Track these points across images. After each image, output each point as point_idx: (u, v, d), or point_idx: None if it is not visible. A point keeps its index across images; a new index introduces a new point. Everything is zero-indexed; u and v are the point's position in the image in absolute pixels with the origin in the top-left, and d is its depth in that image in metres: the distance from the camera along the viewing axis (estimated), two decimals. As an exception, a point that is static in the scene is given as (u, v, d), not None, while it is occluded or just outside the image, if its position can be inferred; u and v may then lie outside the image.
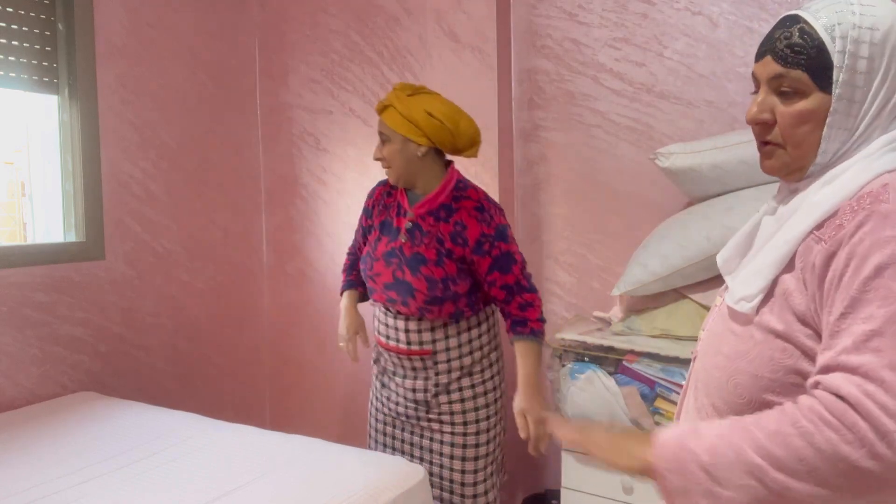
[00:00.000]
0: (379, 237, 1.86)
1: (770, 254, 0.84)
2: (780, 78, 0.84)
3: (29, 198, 2.51)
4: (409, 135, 1.75)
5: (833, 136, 0.83)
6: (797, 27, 0.83)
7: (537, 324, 1.76)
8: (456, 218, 1.76)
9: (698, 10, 2.15)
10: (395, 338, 1.86)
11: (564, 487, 1.96)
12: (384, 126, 1.79)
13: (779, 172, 0.89)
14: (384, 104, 1.79)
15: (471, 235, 1.75)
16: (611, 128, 2.32)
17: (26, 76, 2.27)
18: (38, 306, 2.26)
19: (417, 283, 1.76)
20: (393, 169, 1.80)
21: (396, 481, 1.67)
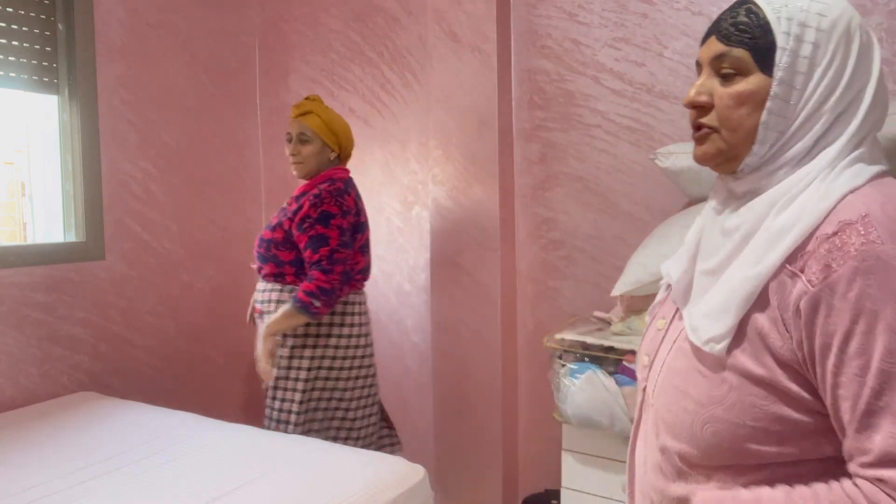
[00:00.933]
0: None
1: (738, 290, 0.76)
2: (721, 58, 0.81)
3: (29, 198, 2.51)
4: (328, 140, 2.13)
5: (771, 124, 0.78)
6: (744, 7, 0.80)
7: (302, 294, 1.99)
8: (303, 200, 2.07)
9: (698, 10, 2.15)
10: (255, 299, 2.19)
11: (564, 487, 1.96)
12: (307, 128, 2.11)
13: (712, 161, 0.83)
14: (306, 109, 2.11)
15: (300, 214, 2.05)
16: (611, 128, 2.32)
17: (26, 76, 2.27)
18: (38, 306, 2.26)
19: (257, 241, 2.16)
20: (304, 166, 2.13)
21: (396, 481, 1.67)
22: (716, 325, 0.78)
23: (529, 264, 2.51)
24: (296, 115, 2.13)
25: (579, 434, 1.91)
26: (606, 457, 1.87)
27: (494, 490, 2.47)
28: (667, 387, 0.85)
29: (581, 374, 1.82)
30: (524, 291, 2.53)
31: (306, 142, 2.12)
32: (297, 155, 2.12)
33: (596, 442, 1.88)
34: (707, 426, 0.78)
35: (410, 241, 2.76)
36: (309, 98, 2.17)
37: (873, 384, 0.67)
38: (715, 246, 0.83)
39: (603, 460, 1.87)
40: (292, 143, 2.13)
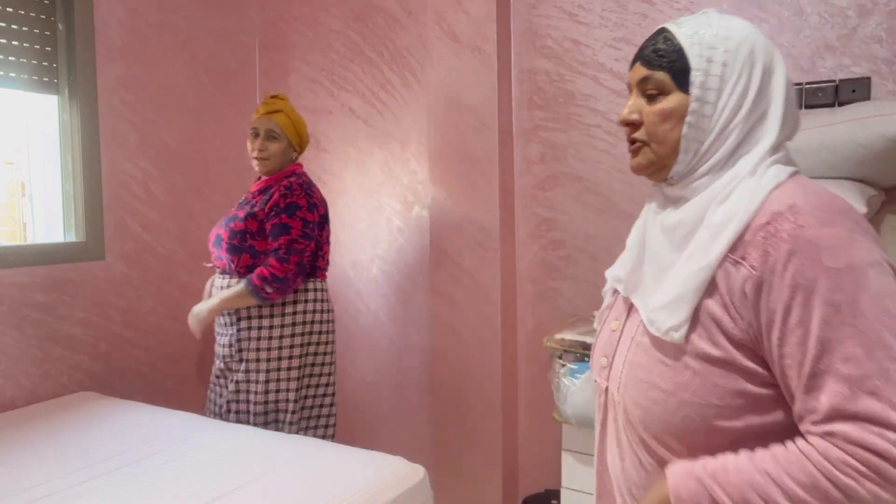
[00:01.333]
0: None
1: (690, 280, 0.84)
2: (646, 80, 0.91)
3: (29, 198, 2.51)
4: (293, 140, 2.20)
5: (691, 136, 0.89)
6: (662, 35, 0.91)
7: (256, 278, 2.05)
8: (270, 191, 2.15)
9: (698, 10, 2.15)
10: (210, 296, 2.20)
11: (564, 487, 1.96)
12: (276, 126, 2.16)
13: (646, 170, 0.95)
14: (276, 108, 2.16)
15: (269, 203, 2.12)
16: (611, 128, 2.32)
17: (26, 76, 2.27)
18: (38, 306, 2.26)
19: (224, 233, 2.14)
20: (269, 162, 2.17)
21: (396, 481, 1.67)
22: (673, 315, 0.85)
23: (529, 264, 2.51)
24: (265, 111, 2.17)
25: (579, 434, 1.91)
26: (606, 457, 1.87)
27: (494, 490, 2.47)
28: (632, 382, 0.92)
29: (581, 374, 1.82)
30: (524, 291, 2.53)
31: (274, 139, 2.18)
32: (264, 151, 2.16)
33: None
34: (677, 412, 0.85)
35: (410, 241, 2.76)
36: (277, 96, 2.22)
37: (814, 350, 0.75)
38: (659, 244, 0.93)
39: (603, 460, 1.87)
40: (259, 138, 2.17)
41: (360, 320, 2.91)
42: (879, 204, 1.73)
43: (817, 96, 1.98)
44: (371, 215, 2.86)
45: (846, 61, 1.96)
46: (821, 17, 1.99)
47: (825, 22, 1.98)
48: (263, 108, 2.18)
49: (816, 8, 1.99)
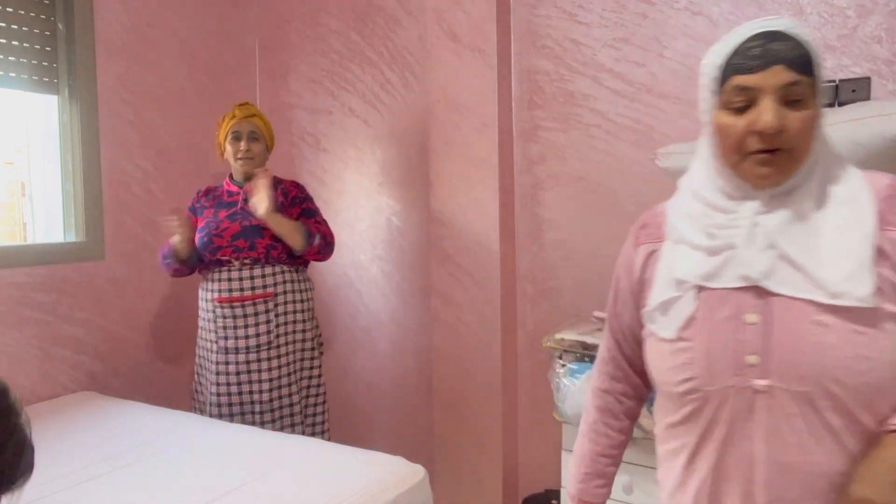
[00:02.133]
0: (215, 211, 2.30)
1: (859, 250, 0.88)
2: (793, 85, 0.89)
3: (29, 198, 2.51)
4: (269, 142, 2.37)
5: (817, 145, 0.92)
6: (795, 39, 0.90)
7: (313, 225, 2.30)
8: (281, 187, 2.35)
9: (698, 10, 2.15)
10: (240, 287, 2.22)
11: (564, 487, 1.96)
12: (256, 128, 2.30)
13: (780, 178, 0.93)
14: (253, 112, 2.31)
15: (290, 194, 2.35)
16: (611, 128, 2.32)
17: (26, 76, 2.27)
18: (38, 306, 2.26)
19: (235, 232, 2.24)
20: (254, 162, 2.30)
21: (396, 481, 1.67)
22: (861, 283, 0.87)
23: (529, 264, 2.51)
24: (245, 115, 2.30)
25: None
26: (606, 457, 1.87)
27: (494, 490, 2.47)
28: (828, 362, 0.88)
29: (581, 374, 1.82)
30: (524, 291, 2.53)
31: (256, 140, 2.31)
32: (249, 151, 2.29)
33: (596, 442, 1.88)
34: (891, 373, 0.87)
35: (410, 241, 2.76)
36: (246, 103, 2.35)
37: None
38: (795, 230, 0.92)
39: (603, 460, 1.87)
40: (243, 140, 2.28)
41: (360, 320, 2.91)
42: (879, 204, 1.73)
43: (817, 96, 1.98)
44: (371, 215, 2.86)
45: (846, 61, 1.96)
46: (821, 17, 1.99)
47: (825, 22, 1.98)
48: (241, 112, 2.30)
49: (816, 8, 1.99)
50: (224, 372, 2.23)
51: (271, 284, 2.25)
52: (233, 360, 2.22)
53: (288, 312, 2.27)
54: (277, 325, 2.25)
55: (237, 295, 2.22)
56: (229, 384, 2.23)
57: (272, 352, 2.23)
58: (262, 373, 2.22)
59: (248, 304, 2.22)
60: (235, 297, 2.22)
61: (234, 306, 2.22)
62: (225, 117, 2.33)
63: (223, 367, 2.23)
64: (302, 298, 2.33)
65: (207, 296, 2.28)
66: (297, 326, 2.30)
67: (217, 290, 2.24)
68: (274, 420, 2.23)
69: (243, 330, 2.22)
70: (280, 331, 2.25)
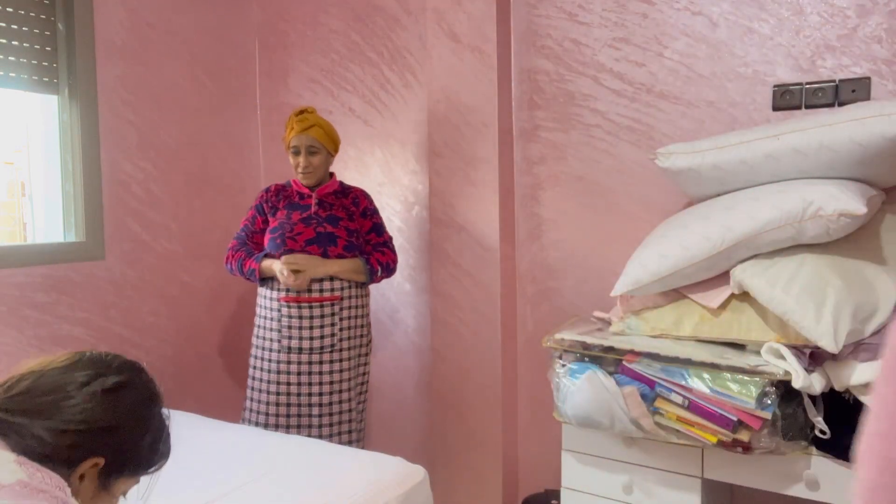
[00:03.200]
0: (289, 213, 2.33)
1: None
2: None
3: (29, 198, 2.51)
4: (330, 149, 2.33)
5: None
6: None
7: (375, 261, 2.35)
8: (352, 196, 2.39)
9: (698, 10, 2.15)
10: (308, 289, 2.25)
11: (564, 487, 1.96)
12: (315, 142, 2.28)
13: None
14: (311, 123, 2.27)
15: (361, 205, 2.39)
16: (611, 128, 2.32)
17: (26, 76, 2.27)
18: (38, 306, 2.26)
19: (339, 232, 2.31)
20: (314, 174, 2.32)
21: (396, 481, 1.67)
22: None
23: (529, 264, 2.51)
24: (302, 129, 2.26)
25: (579, 434, 1.91)
26: (606, 457, 1.87)
27: (494, 490, 2.47)
28: None
29: (581, 374, 1.82)
30: (524, 291, 2.53)
31: (315, 153, 2.30)
32: (309, 166, 2.30)
33: (596, 442, 1.88)
34: None
35: (410, 241, 2.76)
36: (306, 110, 2.31)
37: None
38: None
39: (603, 460, 1.87)
40: (302, 155, 2.29)
41: (360, 320, 2.91)
42: (879, 204, 1.73)
43: (817, 96, 1.98)
44: (371, 215, 2.86)
45: (846, 61, 1.96)
46: (821, 17, 1.98)
47: (825, 22, 1.98)
48: (298, 125, 2.27)
49: (816, 8, 1.99)
50: (286, 371, 2.26)
51: (338, 288, 2.28)
52: (295, 360, 2.25)
53: (351, 317, 2.32)
54: (341, 328, 2.29)
55: (305, 296, 2.25)
56: (290, 384, 2.25)
57: (335, 354, 2.28)
58: (324, 374, 2.26)
59: (315, 306, 2.25)
60: (303, 297, 2.25)
61: (302, 306, 2.25)
62: (287, 125, 2.32)
63: (285, 366, 2.26)
64: (363, 304, 2.38)
65: (272, 294, 2.29)
66: (357, 332, 2.35)
67: (285, 290, 2.26)
68: (332, 424, 2.27)
69: (308, 331, 2.25)
70: (343, 334, 2.30)
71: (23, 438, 0.88)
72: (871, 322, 1.53)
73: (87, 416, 0.92)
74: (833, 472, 1.56)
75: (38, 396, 0.92)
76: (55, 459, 0.89)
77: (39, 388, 0.93)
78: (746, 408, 1.54)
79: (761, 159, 1.73)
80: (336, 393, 2.27)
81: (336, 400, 2.27)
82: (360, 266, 2.31)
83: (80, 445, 0.91)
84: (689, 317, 1.77)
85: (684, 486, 1.75)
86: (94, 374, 0.96)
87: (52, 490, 0.84)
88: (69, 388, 0.93)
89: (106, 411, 0.94)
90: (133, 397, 0.99)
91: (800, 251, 1.63)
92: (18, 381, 0.94)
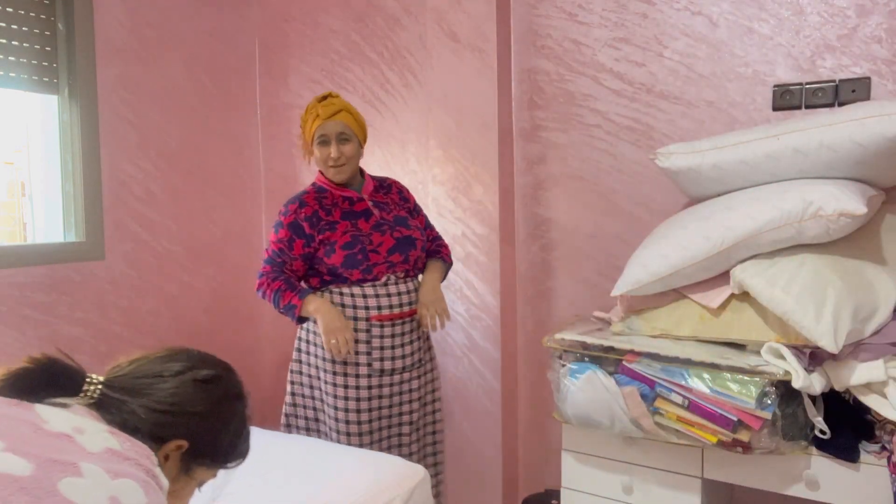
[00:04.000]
0: (353, 223, 2.03)
1: None
2: None
3: (29, 198, 2.51)
4: (361, 137, 2.06)
5: None
6: None
7: (447, 256, 2.25)
8: (395, 189, 2.19)
9: (698, 10, 2.15)
10: (399, 303, 2.04)
11: (564, 487, 1.96)
12: (346, 128, 2.00)
13: None
14: (338, 108, 1.99)
15: (409, 198, 2.23)
16: (611, 128, 2.32)
17: (26, 76, 2.27)
18: (38, 306, 2.26)
19: (416, 233, 2.10)
20: (347, 167, 2.02)
21: (396, 481, 1.67)
22: None
23: (529, 264, 2.51)
24: (330, 114, 1.98)
25: (579, 434, 1.90)
26: (606, 457, 1.87)
27: (494, 490, 2.47)
28: None
29: (581, 374, 1.82)
30: (524, 291, 2.53)
31: (347, 140, 2.01)
32: (341, 157, 1.99)
33: (596, 442, 1.88)
34: None
35: (410, 241, 2.76)
36: (330, 94, 2.05)
37: None
38: None
39: (603, 460, 1.87)
40: (332, 144, 1.99)
41: (360, 320, 2.90)
42: (879, 204, 1.73)
43: (817, 96, 1.98)
44: (371, 215, 2.86)
45: (846, 61, 1.96)
46: (821, 17, 1.98)
47: (825, 22, 1.98)
48: (323, 111, 1.98)
49: (816, 8, 1.99)
50: (377, 396, 2.03)
51: (416, 300, 2.09)
52: (387, 383, 2.03)
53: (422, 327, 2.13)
54: (423, 340, 2.15)
55: (396, 312, 2.03)
56: (381, 408, 2.04)
57: (420, 369, 2.11)
58: (413, 392, 2.08)
59: (405, 322, 2.05)
60: (395, 314, 2.03)
61: (395, 324, 2.03)
62: (307, 115, 2.03)
63: (377, 390, 2.02)
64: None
65: (358, 314, 2.01)
66: (428, 343, 2.20)
67: (377, 307, 2.00)
68: (419, 439, 2.14)
69: (400, 349, 2.05)
70: (426, 346, 2.16)
71: (120, 413, 0.97)
72: (871, 322, 1.53)
73: (178, 399, 1.00)
74: (833, 472, 1.56)
75: (137, 378, 1.03)
76: (144, 434, 0.96)
77: (140, 371, 1.04)
78: (746, 408, 1.54)
79: (761, 159, 1.73)
80: (422, 407, 2.13)
81: (421, 414, 2.13)
82: (443, 267, 2.20)
83: (168, 425, 0.99)
84: (689, 317, 1.77)
85: (684, 486, 1.75)
86: (189, 366, 1.05)
87: (139, 458, 0.90)
88: (165, 374, 1.03)
89: (195, 398, 1.02)
90: (221, 391, 1.07)
91: (800, 251, 1.63)
92: (124, 365, 1.07)
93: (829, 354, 1.53)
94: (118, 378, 1.03)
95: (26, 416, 0.93)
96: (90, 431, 0.91)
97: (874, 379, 1.49)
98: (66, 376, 1.02)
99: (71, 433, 0.89)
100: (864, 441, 1.56)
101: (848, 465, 1.54)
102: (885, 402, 1.49)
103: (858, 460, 1.53)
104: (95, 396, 0.98)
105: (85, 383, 1.00)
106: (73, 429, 0.90)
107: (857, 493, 1.54)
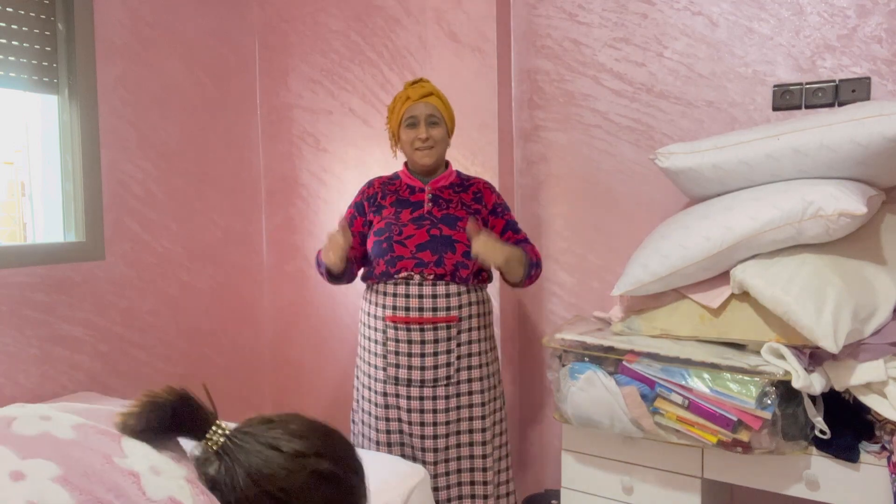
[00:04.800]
0: (397, 211, 1.95)
1: None
2: None
3: (29, 198, 2.51)
4: (450, 123, 1.98)
5: None
6: None
7: (532, 253, 1.97)
8: (473, 189, 2.01)
9: (698, 10, 2.15)
10: (419, 307, 1.87)
11: (564, 487, 1.96)
12: (436, 111, 1.93)
13: None
14: (429, 90, 1.93)
15: (488, 201, 2.01)
16: (611, 128, 2.32)
17: (26, 76, 2.27)
18: (38, 306, 2.26)
19: (458, 236, 1.90)
20: (435, 150, 1.94)
21: (397, 482, 1.67)
22: None
23: (529, 264, 2.51)
24: (421, 95, 1.91)
25: (579, 434, 1.91)
26: (606, 457, 1.87)
27: (494, 490, 2.47)
28: None
29: (581, 374, 1.82)
30: (524, 291, 2.53)
31: (436, 124, 1.92)
32: (429, 140, 1.90)
33: (596, 442, 1.88)
34: None
35: (410, 241, 2.76)
36: (422, 79, 1.99)
37: None
38: None
39: (603, 460, 1.87)
40: (421, 125, 1.90)
41: (360, 320, 2.90)
42: (879, 204, 1.73)
43: (817, 96, 1.98)
44: (371, 215, 2.86)
45: (846, 61, 1.96)
46: (821, 17, 1.99)
47: (825, 22, 1.98)
48: (415, 92, 1.92)
49: (816, 8, 1.99)
50: (395, 406, 1.91)
51: (455, 307, 1.88)
52: (404, 394, 1.89)
53: (472, 341, 1.91)
54: (459, 356, 1.89)
55: (415, 315, 1.86)
56: (400, 420, 1.91)
57: (451, 388, 1.88)
58: (439, 413, 1.88)
59: (427, 329, 1.86)
60: (413, 317, 1.86)
61: (412, 328, 1.87)
62: (396, 100, 1.96)
63: (393, 399, 1.91)
64: (486, 323, 1.97)
65: (376, 311, 1.92)
66: (480, 359, 1.93)
67: (392, 307, 1.88)
68: (449, 472, 1.91)
69: (419, 359, 1.87)
70: (462, 364, 1.90)
71: (218, 470, 0.90)
72: (871, 322, 1.53)
73: (287, 486, 0.90)
74: (833, 472, 1.56)
75: (258, 441, 0.93)
76: (227, 496, 0.89)
77: (263, 437, 0.94)
78: (746, 408, 1.54)
79: (761, 159, 1.73)
80: (453, 436, 1.90)
81: (454, 444, 1.90)
82: (523, 258, 1.90)
83: (256, 501, 0.90)
84: (690, 317, 1.77)
85: (684, 486, 1.75)
86: (315, 452, 0.94)
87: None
88: (283, 448, 0.92)
89: (297, 486, 0.91)
90: (331, 494, 0.94)
91: (800, 251, 1.63)
92: (257, 422, 0.97)
93: (829, 354, 1.53)
94: (242, 432, 0.94)
95: (107, 446, 0.85)
96: (166, 475, 0.84)
97: (874, 379, 1.49)
98: (194, 420, 0.94)
99: (142, 472, 0.83)
100: (864, 441, 1.57)
101: (848, 465, 1.54)
102: (885, 402, 1.49)
103: (858, 460, 1.53)
104: (214, 449, 0.91)
105: (210, 430, 0.92)
106: (150, 468, 0.84)
107: (857, 493, 1.54)
